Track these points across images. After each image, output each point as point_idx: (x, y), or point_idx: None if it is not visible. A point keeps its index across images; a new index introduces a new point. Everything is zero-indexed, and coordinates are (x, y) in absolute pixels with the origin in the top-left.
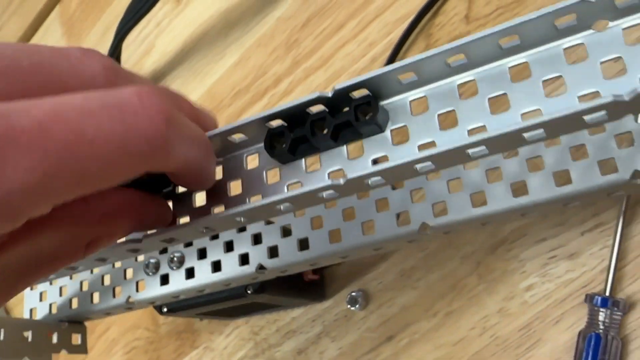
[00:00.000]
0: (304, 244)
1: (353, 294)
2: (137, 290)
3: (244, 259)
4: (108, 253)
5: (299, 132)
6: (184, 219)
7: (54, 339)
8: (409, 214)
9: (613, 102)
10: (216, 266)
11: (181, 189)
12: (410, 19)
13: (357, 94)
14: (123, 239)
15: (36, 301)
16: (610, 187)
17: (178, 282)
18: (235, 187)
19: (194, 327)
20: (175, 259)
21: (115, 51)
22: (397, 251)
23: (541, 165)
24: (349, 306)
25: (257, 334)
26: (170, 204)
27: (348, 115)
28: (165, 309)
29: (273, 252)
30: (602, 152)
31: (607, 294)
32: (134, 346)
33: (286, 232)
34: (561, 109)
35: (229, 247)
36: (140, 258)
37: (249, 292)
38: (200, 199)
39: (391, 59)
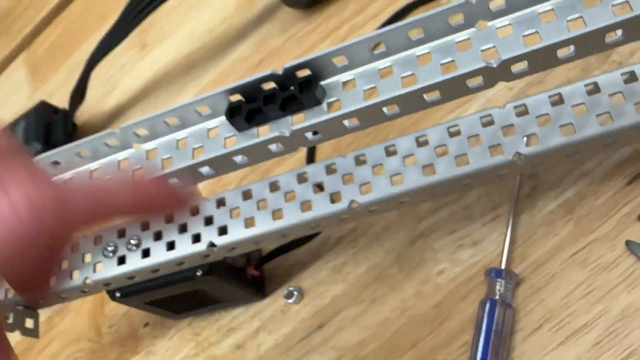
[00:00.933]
0: (249, 223)
1: (290, 289)
2: (94, 271)
3: (196, 238)
4: None
5: (254, 105)
6: None
7: (10, 319)
8: (340, 194)
9: (485, 67)
10: (170, 246)
11: None
12: None
13: (301, 75)
14: None
15: None
16: (498, 166)
17: (134, 262)
18: (199, 151)
19: (137, 334)
20: (132, 241)
21: (82, 82)
22: (330, 250)
23: (446, 151)
24: (285, 300)
25: (199, 334)
26: None
27: (294, 90)
28: (118, 294)
29: (222, 231)
30: (492, 139)
31: (503, 267)
32: (76, 357)
33: (235, 213)
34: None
35: (182, 228)
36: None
37: (198, 273)
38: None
39: None
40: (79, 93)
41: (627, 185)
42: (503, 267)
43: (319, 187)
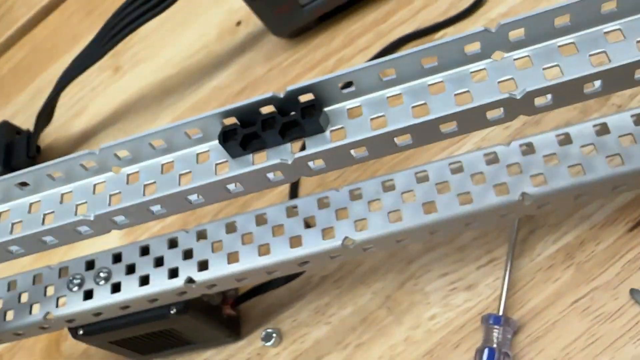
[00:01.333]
0: (233, 258)
1: (268, 330)
2: (57, 306)
3: (173, 273)
4: None
5: (251, 129)
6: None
7: None
8: (333, 230)
9: (508, 98)
10: (144, 280)
11: None
12: None
13: (303, 99)
14: None
15: None
16: (503, 206)
17: (102, 297)
18: (187, 178)
19: None
20: (101, 274)
21: (51, 103)
22: (312, 290)
23: (448, 188)
24: (263, 343)
25: None
26: None
27: (295, 116)
28: (81, 332)
29: (203, 265)
30: (497, 178)
31: (500, 313)
32: None
33: (217, 247)
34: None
35: (158, 262)
36: (64, 274)
37: (172, 311)
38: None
39: None
40: (46, 114)
41: (630, 231)
42: (501, 313)
43: (310, 221)
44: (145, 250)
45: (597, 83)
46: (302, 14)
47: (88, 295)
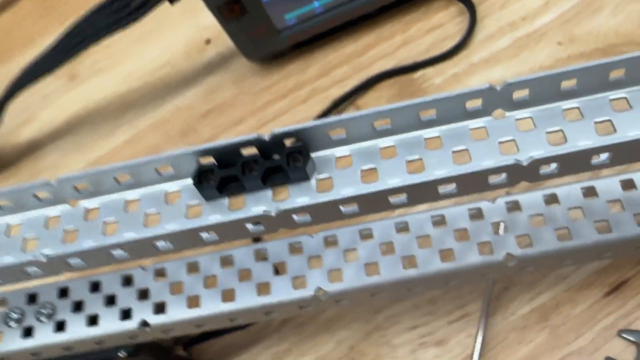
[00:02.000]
0: (194, 302)
1: None
2: None
3: (126, 314)
4: None
5: (230, 171)
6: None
7: None
8: (305, 279)
9: (514, 165)
10: (92, 320)
11: None
12: None
13: (289, 143)
14: None
15: None
16: (487, 266)
17: (44, 336)
18: (154, 218)
19: None
20: (44, 311)
21: None
22: (272, 334)
23: (429, 243)
24: None
25: None
26: None
27: (280, 161)
28: None
29: (159, 308)
30: (480, 235)
31: None
32: None
33: (176, 289)
34: (467, 168)
35: (110, 300)
36: (2, 308)
37: (120, 355)
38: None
39: None
40: None
41: (606, 296)
42: None
43: (280, 268)
44: (95, 286)
45: (604, 155)
46: (278, 39)
47: (27, 332)
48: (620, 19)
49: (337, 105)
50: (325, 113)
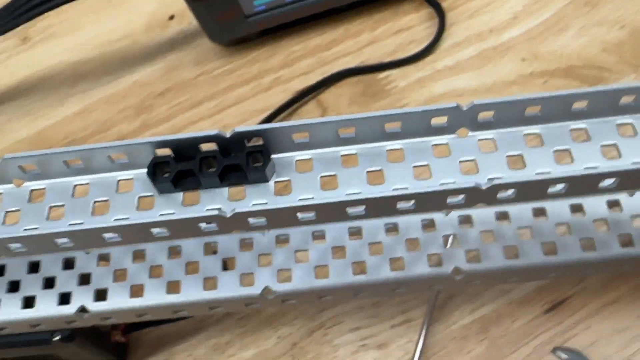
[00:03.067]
0: (137, 291)
1: None
2: None
3: (65, 299)
4: None
5: (187, 166)
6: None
7: None
8: (253, 277)
9: (473, 188)
10: (28, 302)
11: None
12: (267, 114)
13: (250, 142)
14: None
15: None
16: (433, 278)
17: None
18: (102, 207)
19: None
20: None
21: None
22: (213, 325)
23: (381, 250)
24: None
25: None
26: None
27: (240, 159)
28: None
29: (100, 295)
30: (431, 247)
31: None
32: None
33: (120, 276)
34: (427, 186)
35: (49, 283)
36: None
37: (55, 338)
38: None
39: None
40: None
41: (545, 313)
42: None
43: (229, 263)
44: (34, 267)
45: (560, 186)
46: (245, 24)
47: None
48: (584, 42)
49: (299, 98)
50: (287, 105)
